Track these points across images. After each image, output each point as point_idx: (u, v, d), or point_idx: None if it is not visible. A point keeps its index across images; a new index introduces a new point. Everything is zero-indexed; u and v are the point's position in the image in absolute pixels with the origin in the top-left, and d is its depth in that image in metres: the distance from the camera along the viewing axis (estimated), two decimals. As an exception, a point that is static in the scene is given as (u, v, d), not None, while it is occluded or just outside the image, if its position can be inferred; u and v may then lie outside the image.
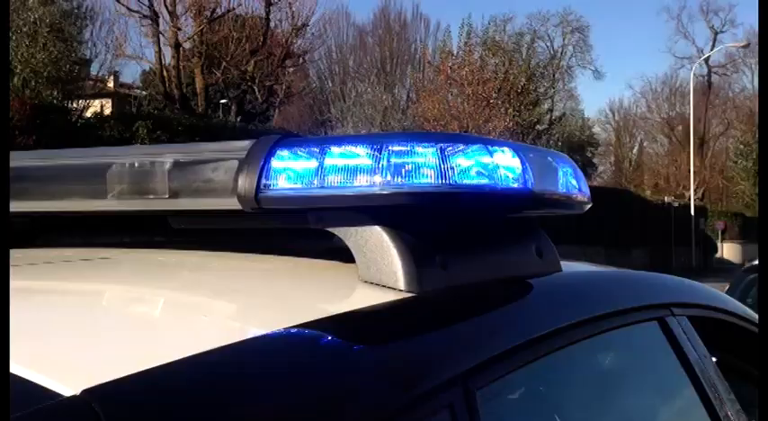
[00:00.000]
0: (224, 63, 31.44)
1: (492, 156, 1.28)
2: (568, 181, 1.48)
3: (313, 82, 45.83)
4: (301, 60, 36.99)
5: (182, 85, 30.38)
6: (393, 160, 1.22)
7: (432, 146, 1.23)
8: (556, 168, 1.45)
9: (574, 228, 29.06)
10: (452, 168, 1.22)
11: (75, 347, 1.01)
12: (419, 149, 1.22)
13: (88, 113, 22.70)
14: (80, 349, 1.00)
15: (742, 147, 58.11)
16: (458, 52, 32.85)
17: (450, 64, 31.62)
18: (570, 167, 1.50)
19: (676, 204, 42.57)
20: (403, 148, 1.23)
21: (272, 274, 1.41)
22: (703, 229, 43.06)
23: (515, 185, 1.31)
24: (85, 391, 0.83)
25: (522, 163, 1.32)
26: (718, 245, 45.29)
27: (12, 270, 1.30)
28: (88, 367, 0.91)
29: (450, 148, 1.23)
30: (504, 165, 1.29)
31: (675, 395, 1.77)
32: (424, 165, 1.22)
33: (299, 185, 1.25)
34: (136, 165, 1.38)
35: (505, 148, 1.32)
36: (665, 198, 44.97)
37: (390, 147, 1.23)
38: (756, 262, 8.84)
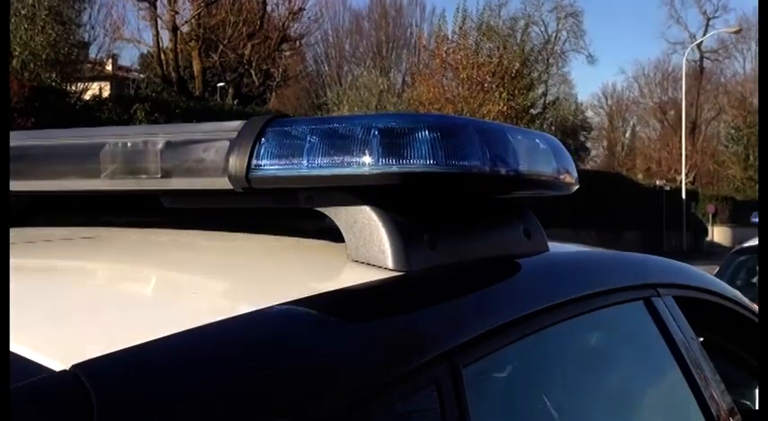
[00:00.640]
0: (221, 46, 31.46)
1: (480, 137, 1.28)
2: (556, 163, 1.48)
3: (309, 65, 45.88)
4: (298, 44, 37.09)
5: (179, 68, 30.41)
6: (383, 141, 1.22)
7: (420, 126, 1.23)
8: (544, 150, 1.45)
9: (566, 212, 29.14)
10: (441, 149, 1.22)
11: (67, 323, 1.02)
12: (408, 130, 1.23)
13: (87, 96, 22.69)
14: (71, 325, 1.01)
15: (733, 131, 58.27)
16: (453, 37, 32.80)
17: (445, 48, 31.61)
18: (558, 149, 1.50)
19: (668, 188, 42.71)
20: (392, 129, 1.23)
21: (262, 253, 1.42)
22: (694, 213, 43.19)
23: (504, 167, 1.31)
24: (75, 366, 0.83)
25: (510, 144, 1.33)
26: (709, 228, 45.45)
27: None
28: (79, 343, 0.91)
29: (439, 129, 1.24)
30: (491, 147, 1.29)
31: (661, 374, 1.78)
32: (413, 146, 1.22)
33: (289, 165, 1.24)
34: (129, 145, 1.39)
35: (493, 129, 1.32)
36: (657, 182, 45.10)
37: (380, 128, 1.22)
38: (746, 244, 8.90)
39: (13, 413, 0.76)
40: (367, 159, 1.21)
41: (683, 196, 40.48)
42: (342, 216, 1.29)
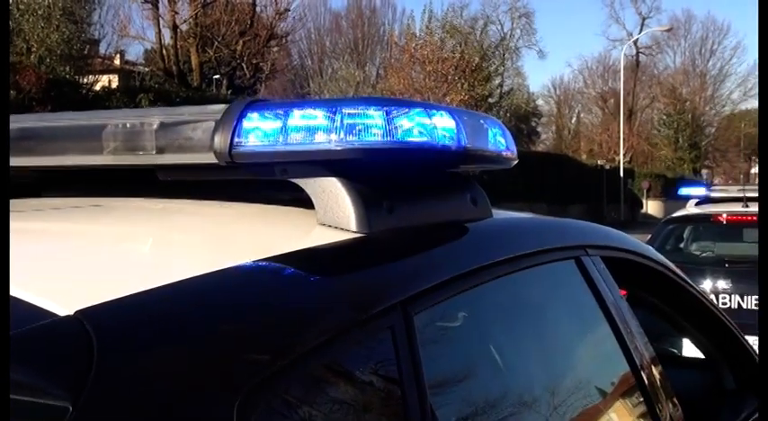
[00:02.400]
0: (216, 43, 31.22)
1: (431, 118, 1.30)
2: (498, 140, 1.49)
3: (294, 60, 45.55)
4: (284, 41, 36.81)
5: (179, 62, 30.18)
6: (346, 121, 1.23)
7: (379, 109, 1.25)
8: (487, 129, 1.47)
9: (521, 188, 29.18)
10: (397, 128, 1.24)
11: (72, 274, 1.03)
12: (368, 112, 1.24)
13: (97, 87, 22.42)
14: (76, 276, 1.02)
15: (665, 117, 58.55)
16: (420, 34, 32.73)
17: (413, 45, 31.45)
18: (499, 129, 1.51)
19: (608, 167, 42.74)
20: (354, 111, 1.24)
21: (243, 218, 1.43)
22: (631, 188, 43.30)
23: (451, 143, 1.33)
24: (78, 312, 0.85)
25: (457, 124, 1.34)
26: (644, 202, 45.54)
27: (16, 215, 1.31)
28: (82, 291, 0.93)
29: (395, 111, 1.25)
30: (441, 126, 1.31)
31: (589, 323, 1.79)
32: (372, 125, 1.24)
33: (266, 142, 1.26)
34: (127, 125, 1.39)
35: (443, 112, 1.34)
36: (599, 161, 45.11)
37: (344, 110, 1.24)
38: (674, 215, 8.95)
39: (20, 353, 0.78)
40: (333, 137, 1.23)
41: (621, 174, 40.56)
42: (312, 186, 1.30)
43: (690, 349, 2.73)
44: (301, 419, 0.98)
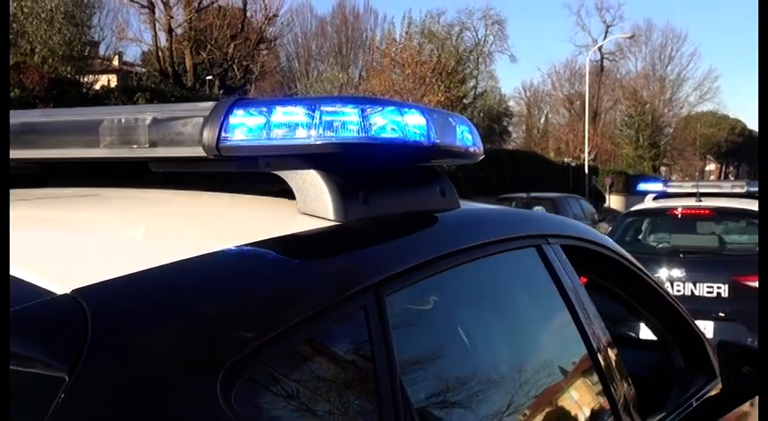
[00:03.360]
0: (209, 46, 31.07)
1: (403, 116, 1.31)
2: (465, 137, 1.51)
3: (282, 62, 45.32)
4: (273, 44, 36.66)
5: (174, 63, 30.02)
6: (324, 118, 1.25)
7: (355, 107, 1.26)
8: (455, 127, 1.48)
9: (493, 183, 29.20)
10: (371, 125, 1.26)
11: (69, 256, 1.04)
12: (345, 110, 1.26)
13: (97, 86, 22.24)
14: (73, 257, 1.03)
15: (627, 118, 58.85)
16: (400, 39, 32.66)
17: (393, 49, 31.38)
18: (467, 126, 1.53)
19: (574, 164, 42.89)
20: (332, 109, 1.26)
21: (230, 207, 1.44)
22: (595, 184, 43.38)
23: (422, 139, 1.35)
24: (75, 291, 0.86)
25: (427, 122, 1.36)
26: (607, 197, 45.70)
27: (17, 203, 1.32)
28: (78, 271, 0.94)
29: (369, 109, 1.27)
30: (412, 124, 1.32)
31: (550, 308, 1.80)
32: (348, 122, 1.25)
33: (251, 137, 1.27)
34: (123, 120, 1.40)
35: (414, 110, 1.35)
36: (565, 159, 45.28)
37: (322, 108, 1.26)
38: (633, 208, 9.02)
39: (20, 328, 0.79)
40: (312, 132, 1.24)
41: (586, 171, 40.68)
42: (293, 177, 1.32)
43: (646, 332, 2.75)
44: (281, 390, 0.99)
